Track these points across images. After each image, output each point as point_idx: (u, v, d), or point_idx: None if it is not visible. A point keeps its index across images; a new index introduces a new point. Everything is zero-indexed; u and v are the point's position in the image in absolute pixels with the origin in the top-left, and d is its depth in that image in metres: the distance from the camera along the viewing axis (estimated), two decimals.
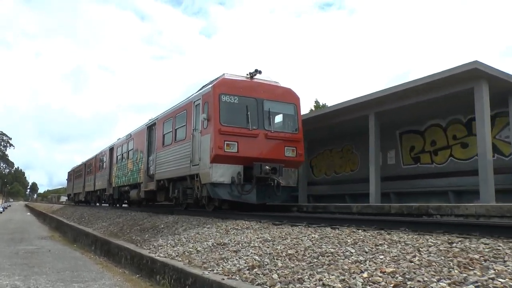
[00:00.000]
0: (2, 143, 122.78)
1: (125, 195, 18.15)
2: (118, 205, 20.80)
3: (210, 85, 10.18)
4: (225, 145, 9.47)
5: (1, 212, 50.49)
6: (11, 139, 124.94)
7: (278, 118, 11.01)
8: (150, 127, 14.83)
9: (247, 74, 10.57)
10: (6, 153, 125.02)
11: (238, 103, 9.92)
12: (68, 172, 42.18)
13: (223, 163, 9.55)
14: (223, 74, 10.44)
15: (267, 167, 9.51)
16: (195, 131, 10.59)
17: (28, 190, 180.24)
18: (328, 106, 38.71)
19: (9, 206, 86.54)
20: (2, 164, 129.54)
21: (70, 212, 24.88)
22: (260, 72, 10.47)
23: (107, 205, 23.09)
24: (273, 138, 10.10)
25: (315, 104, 40.72)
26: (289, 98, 10.78)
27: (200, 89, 11.09)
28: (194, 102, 10.92)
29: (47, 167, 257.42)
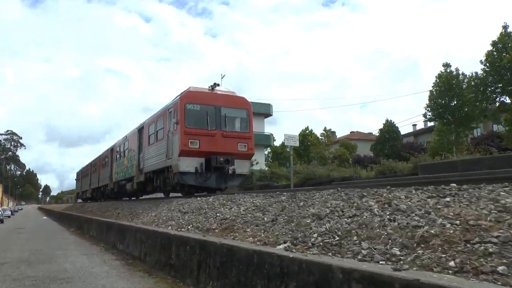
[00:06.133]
0: (13, 143, 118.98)
1: (123, 188, 21.15)
2: (123, 198, 23.80)
3: (179, 96, 13.11)
4: (189, 142, 12.38)
5: (9, 217, 43.09)
6: (21, 138, 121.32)
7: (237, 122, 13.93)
8: (140, 130, 17.80)
9: (209, 87, 13.46)
10: (17, 153, 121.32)
11: (200, 110, 12.83)
12: (77, 173, 45.46)
13: (188, 157, 12.46)
14: (189, 87, 13.36)
15: (221, 158, 12.41)
16: (169, 132, 13.53)
17: (41, 193, 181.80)
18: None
19: (21, 209, 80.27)
20: (13, 166, 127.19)
21: (139, 208, 13.09)
22: (218, 85, 13.42)
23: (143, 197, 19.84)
24: (228, 136, 12.98)
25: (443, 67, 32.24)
26: (242, 104, 13.68)
27: (173, 99, 14.01)
28: (168, 109, 13.85)
29: (57, 170, 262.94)
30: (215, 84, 13.33)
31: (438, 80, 32.41)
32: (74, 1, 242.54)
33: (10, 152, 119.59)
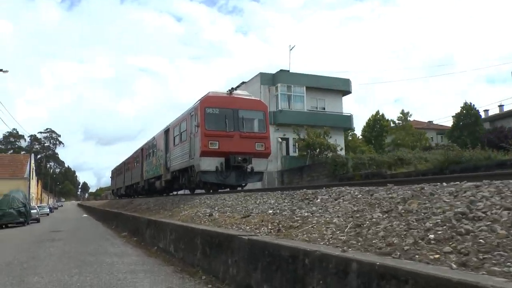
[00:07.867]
0: (52, 141, 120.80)
1: (152, 186, 22.50)
2: (153, 195, 25.13)
3: (199, 101, 14.11)
4: (209, 143, 13.35)
5: (48, 214, 40.28)
6: (60, 136, 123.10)
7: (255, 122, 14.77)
8: (166, 131, 18.98)
9: (227, 91, 14.38)
10: (56, 151, 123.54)
11: (218, 113, 13.77)
12: (112, 171, 47.72)
13: (208, 157, 13.43)
14: (208, 92, 14.33)
15: (239, 158, 13.33)
16: (191, 134, 14.57)
17: (79, 190, 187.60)
18: None
19: (60, 206, 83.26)
20: (52, 164, 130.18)
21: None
22: (235, 89, 14.31)
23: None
24: (246, 137, 13.86)
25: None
26: (258, 107, 14.54)
27: (195, 103, 15.03)
28: (190, 113, 14.89)
29: (95, 168, 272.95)
30: (232, 88, 14.25)
31: None
32: (107, 3, 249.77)
33: (50, 150, 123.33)
